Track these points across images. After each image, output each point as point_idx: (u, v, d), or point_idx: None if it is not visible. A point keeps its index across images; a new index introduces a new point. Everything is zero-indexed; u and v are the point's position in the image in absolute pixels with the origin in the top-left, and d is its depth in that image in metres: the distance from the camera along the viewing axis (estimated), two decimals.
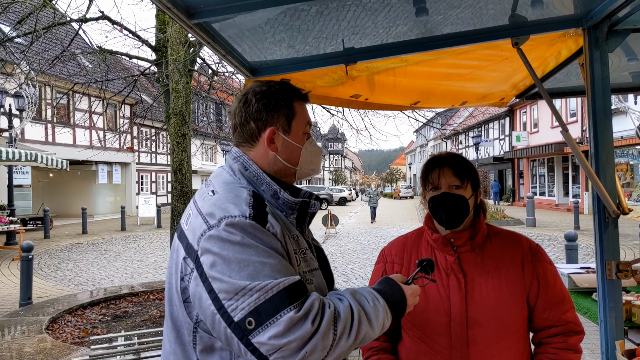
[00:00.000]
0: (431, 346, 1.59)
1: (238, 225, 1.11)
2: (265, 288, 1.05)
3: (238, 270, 1.07)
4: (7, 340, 5.16)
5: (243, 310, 1.04)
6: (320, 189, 37.53)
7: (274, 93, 1.33)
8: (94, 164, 24.40)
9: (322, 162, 2.43)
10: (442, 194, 1.61)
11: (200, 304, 1.11)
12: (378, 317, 1.17)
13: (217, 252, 1.09)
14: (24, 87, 13.68)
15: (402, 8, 1.58)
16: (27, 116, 15.18)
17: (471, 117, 22.13)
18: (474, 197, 1.65)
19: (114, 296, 7.07)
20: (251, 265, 1.08)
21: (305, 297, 1.09)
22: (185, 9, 1.37)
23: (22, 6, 7.15)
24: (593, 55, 1.71)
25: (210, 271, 1.08)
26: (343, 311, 1.12)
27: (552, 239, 14.24)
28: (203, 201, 1.22)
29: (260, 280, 1.06)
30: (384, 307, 1.19)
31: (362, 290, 1.22)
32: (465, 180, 1.62)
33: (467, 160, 1.69)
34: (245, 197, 1.18)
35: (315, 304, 1.09)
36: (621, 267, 1.67)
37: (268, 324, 1.03)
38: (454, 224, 1.62)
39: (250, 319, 1.04)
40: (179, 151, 6.98)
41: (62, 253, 13.04)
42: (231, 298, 1.05)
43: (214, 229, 1.12)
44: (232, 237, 1.10)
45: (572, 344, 1.56)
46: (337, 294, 1.21)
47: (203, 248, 1.12)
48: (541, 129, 27.90)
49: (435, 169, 1.65)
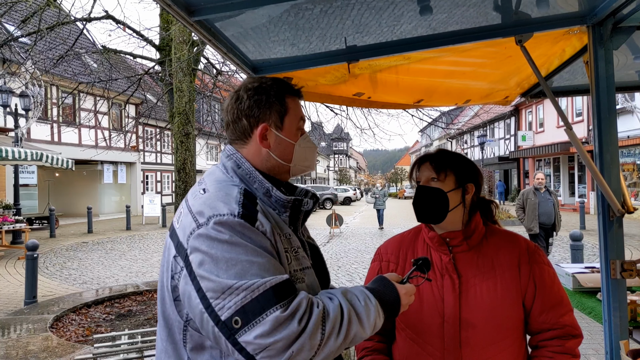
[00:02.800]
0: (424, 347, 1.55)
1: (226, 223, 1.11)
2: (252, 287, 1.05)
3: (225, 269, 1.07)
4: (12, 339, 5.19)
5: (230, 309, 1.04)
6: (325, 189, 37.55)
7: (265, 89, 1.32)
8: (100, 163, 24.50)
9: (317, 157, 2.37)
10: (417, 188, 1.60)
11: (190, 303, 1.11)
12: (370, 317, 1.16)
13: (206, 250, 1.09)
14: (29, 86, 13.77)
15: (407, 7, 1.57)
16: (32, 116, 15.28)
17: (476, 117, 22.08)
18: (461, 191, 1.59)
19: (118, 295, 7.09)
20: (239, 264, 1.07)
21: (293, 297, 1.09)
22: (185, 6, 1.36)
23: (27, 5, 7.19)
24: (597, 53, 1.69)
25: (199, 270, 1.08)
26: (332, 310, 1.11)
27: (557, 238, 14.16)
28: (194, 199, 1.22)
29: (247, 279, 1.05)
30: (376, 306, 1.19)
31: (354, 290, 1.22)
32: (443, 173, 1.58)
33: (454, 153, 1.65)
34: (235, 196, 1.18)
35: (303, 303, 1.08)
36: (626, 267, 1.66)
37: (254, 323, 1.03)
38: (429, 218, 1.59)
39: (236, 318, 1.04)
40: (182, 150, 6.99)
41: (68, 252, 13.10)
42: (218, 297, 1.05)
43: (202, 227, 1.12)
44: (220, 235, 1.10)
45: (570, 348, 1.52)
46: (328, 292, 1.20)
47: (192, 246, 1.11)
48: (547, 129, 27.78)
49: (416, 165, 1.66)
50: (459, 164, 1.61)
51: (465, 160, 1.65)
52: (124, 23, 7.70)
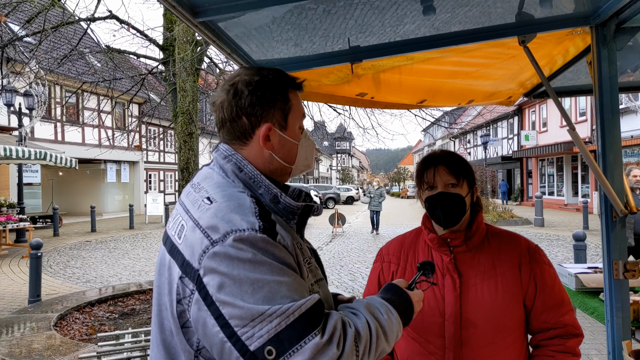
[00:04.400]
0: (425, 347, 1.57)
1: (248, 240, 0.98)
2: (287, 313, 0.93)
3: (252, 293, 0.94)
4: (16, 337, 5.21)
5: (261, 338, 0.92)
6: (328, 188, 37.55)
7: (268, 84, 1.16)
8: (103, 162, 24.55)
9: (315, 155, 2.25)
10: (438, 194, 1.58)
11: (205, 331, 0.97)
12: (393, 330, 1.10)
13: (226, 272, 0.95)
14: (33, 86, 13.80)
15: (410, 6, 1.58)
16: (36, 115, 15.31)
17: (479, 116, 22.00)
18: (470, 195, 1.62)
19: (121, 294, 7.12)
20: (266, 285, 0.95)
21: (326, 319, 0.99)
22: (190, 7, 1.37)
23: (31, 5, 7.21)
24: (601, 54, 1.70)
25: (218, 294, 0.95)
26: (362, 329, 1.04)
27: (560, 238, 14.15)
28: (199, 211, 1.06)
29: (278, 304, 0.94)
30: (397, 318, 1.13)
31: (374, 302, 1.15)
32: (461, 178, 1.59)
33: (462, 158, 1.66)
34: (249, 206, 1.04)
35: (338, 325, 0.99)
36: (628, 267, 1.66)
37: (291, 352, 0.92)
38: (451, 223, 1.59)
39: (269, 347, 0.92)
40: (186, 150, 7.01)
41: (71, 251, 13.14)
42: (246, 325, 0.93)
43: (218, 244, 0.98)
44: (242, 254, 0.96)
45: (570, 347, 1.53)
46: (350, 308, 1.12)
47: (207, 267, 0.97)
48: (550, 129, 27.71)
49: (431, 167, 1.62)
50: (468, 168, 1.63)
51: (468, 164, 1.67)
52: (128, 23, 7.72)
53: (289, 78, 1.22)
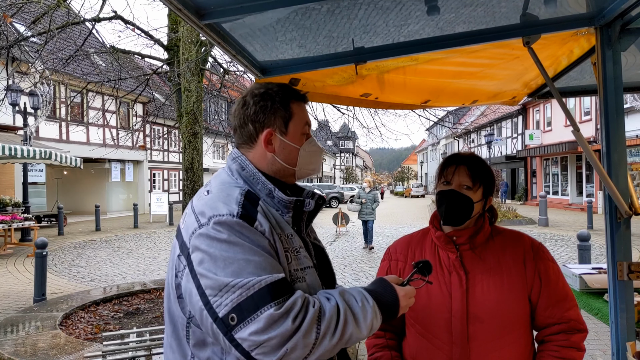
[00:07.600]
0: (432, 342, 1.61)
1: (225, 223, 1.15)
2: (247, 285, 1.08)
3: (223, 267, 1.10)
4: (22, 336, 5.24)
5: (227, 306, 1.07)
6: (331, 187, 37.52)
7: (270, 95, 1.36)
8: (107, 161, 24.64)
9: (322, 160, 2.34)
10: (449, 191, 1.63)
11: (191, 300, 1.15)
12: (366, 318, 1.18)
13: (205, 249, 1.13)
14: (38, 85, 13.86)
15: (414, 7, 1.58)
16: (41, 114, 15.39)
17: (483, 116, 21.94)
18: (482, 203, 1.65)
19: (126, 293, 7.14)
20: (235, 262, 1.11)
21: (288, 295, 1.11)
22: (195, 9, 1.38)
23: (37, 6, 7.24)
24: (605, 54, 1.70)
25: (199, 268, 1.13)
26: (329, 310, 1.14)
27: (565, 238, 14.11)
28: (198, 200, 1.26)
29: (243, 277, 1.09)
30: (374, 307, 1.21)
31: (352, 290, 1.24)
32: (478, 183, 1.63)
33: (489, 167, 1.69)
34: (236, 197, 1.22)
35: (298, 302, 1.11)
36: (633, 268, 1.66)
37: (249, 320, 1.06)
38: (452, 222, 1.63)
39: (232, 314, 1.07)
40: (190, 149, 7.03)
41: (76, 250, 13.20)
42: (216, 294, 1.09)
43: (203, 227, 1.16)
44: (219, 235, 1.14)
45: (575, 342, 1.56)
46: (325, 292, 1.23)
47: (193, 245, 1.16)
48: (554, 128, 27.61)
49: (452, 165, 1.66)
50: (489, 177, 1.67)
51: (492, 174, 1.70)
52: (133, 23, 7.74)
53: (292, 90, 1.42)
